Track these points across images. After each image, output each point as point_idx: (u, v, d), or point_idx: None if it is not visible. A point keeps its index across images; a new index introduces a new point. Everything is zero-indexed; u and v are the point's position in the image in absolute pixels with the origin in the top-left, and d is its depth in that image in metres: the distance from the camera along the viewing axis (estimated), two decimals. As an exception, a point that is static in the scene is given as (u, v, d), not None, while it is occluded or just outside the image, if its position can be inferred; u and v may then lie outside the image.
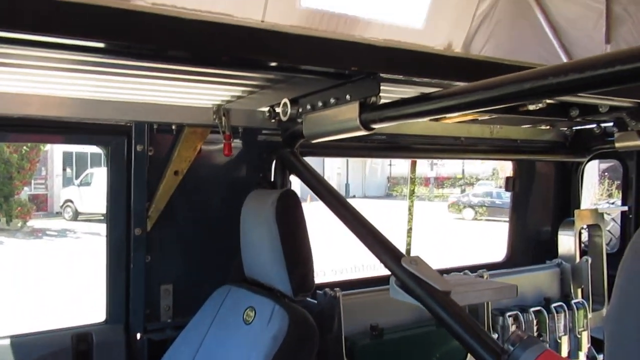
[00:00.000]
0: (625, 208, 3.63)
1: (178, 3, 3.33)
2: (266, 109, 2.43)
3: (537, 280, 3.32)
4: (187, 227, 2.52)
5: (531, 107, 2.37)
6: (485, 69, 1.95)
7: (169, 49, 1.43)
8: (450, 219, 25.26)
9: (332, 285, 2.67)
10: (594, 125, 3.37)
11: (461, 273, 2.99)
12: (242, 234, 2.32)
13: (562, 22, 3.80)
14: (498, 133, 3.30)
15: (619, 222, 3.97)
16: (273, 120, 2.44)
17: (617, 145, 3.11)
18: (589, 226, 3.58)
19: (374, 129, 1.84)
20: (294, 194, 2.15)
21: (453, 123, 3.05)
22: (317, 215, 2.20)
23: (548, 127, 3.49)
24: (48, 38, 1.25)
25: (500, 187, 27.37)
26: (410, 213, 3.76)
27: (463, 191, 32.50)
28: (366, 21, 4.01)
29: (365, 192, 38.35)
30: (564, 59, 3.85)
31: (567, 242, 3.51)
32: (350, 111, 1.85)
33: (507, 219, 3.82)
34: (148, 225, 2.38)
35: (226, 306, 2.27)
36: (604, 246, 3.53)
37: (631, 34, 3.34)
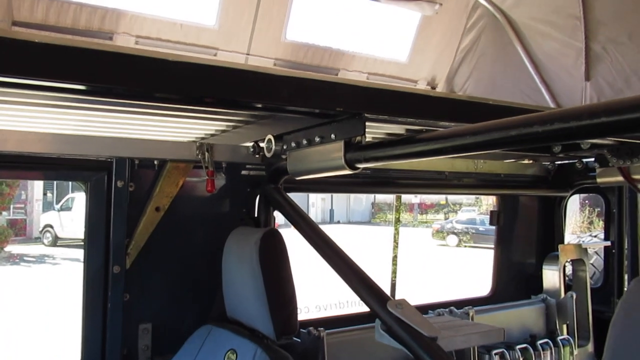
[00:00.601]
0: (608, 243, 3.65)
1: (163, 35, 3.33)
2: (250, 144, 2.41)
3: (522, 316, 3.30)
4: (167, 265, 2.45)
5: None
6: (470, 110, 1.96)
7: (153, 91, 1.41)
8: (434, 246, 25.27)
9: (316, 323, 2.61)
10: (575, 161, 3.42)
11: (447, 309, 2.95)
12: (224, 273, 2.27)
13: (543, 58, 3.87)
14: (482, 167, 3.32)
15: (601, 254, 3.99)
16: (257, 156, 2.41)
17: (598, 180, 3.13)
18: (573, 261, 3.58)
19: (359, 168, 1.83)
20: (277, 233, 2.11)
21: (437, 157, 3.06)
22: (305, 242, 2.15)
23: (531, 161, 3.53)
24: (29, 81, 1.22)
25: (482, 213, 27.61)
26: (395, 241, 3.73)
27: (447, 218, 32.63)
28: (351, 54, 4.05)
29: (350, 218, 38.34)
30: (545, 94, 3.91)
31: (551, 277, 3.50)
32: (335, 150, 1.83)
33: (490, 246, 3.82)
34: (127, 262, 2.31)
35: (207, 348, 2.19)
36: (589, 281, 3.53)
37: (610, 73, 3.41)
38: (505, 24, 4.01)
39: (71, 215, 22.25)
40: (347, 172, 1.84)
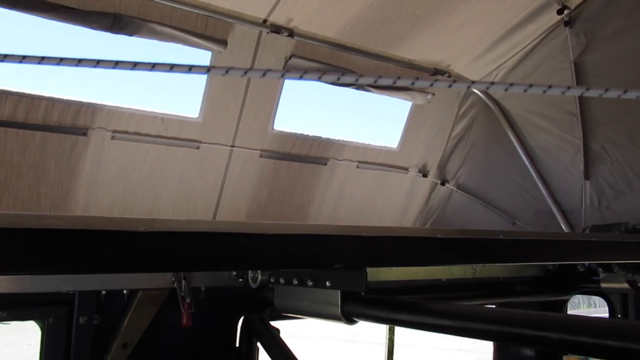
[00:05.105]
0: (616, 355, 3.42)
1: (142, 129, 3.12)
2: (233, 266, 2.16)
3: None
4: None
5: None
6: (481, 250, 1.79)
7: (124, 268, 1.19)
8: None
9: None
10: (577, 263, 3.25)
11: None
12: None
13: (538, 151, 3.75)
14: (481, 272, 3.11)
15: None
16: (240, 279, 2.17)
17: (603, 285, 2.97)
18: (578, 373, 3.34)
19: (356, 321, 1.62)
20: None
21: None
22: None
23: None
24: None
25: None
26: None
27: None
28: (340, 143, 3.89)
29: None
30: (542, 188, 3.76)
31: (557, 392, 3.24)
32: (330, 298, 1.64)
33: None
34: None
35: None
36: (595, 394, 3.28)
37: (611, 174, 3.27)
38: (499, 113, 3.90)
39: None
40: (343, 324, 1.63)
